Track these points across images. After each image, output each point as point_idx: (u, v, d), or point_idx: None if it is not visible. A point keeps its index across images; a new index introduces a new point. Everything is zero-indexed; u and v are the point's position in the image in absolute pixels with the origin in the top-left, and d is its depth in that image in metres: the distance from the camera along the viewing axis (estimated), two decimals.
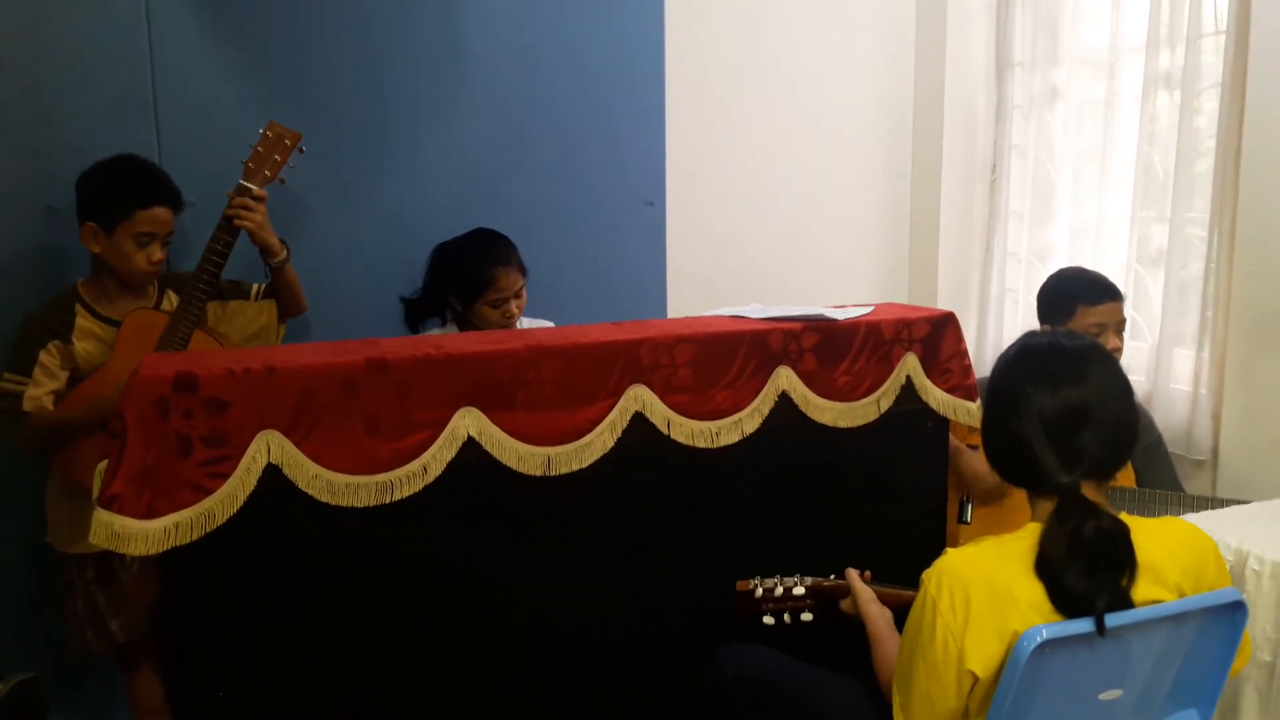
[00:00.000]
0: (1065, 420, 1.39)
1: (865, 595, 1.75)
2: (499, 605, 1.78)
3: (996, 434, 1.48)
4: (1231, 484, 2.57)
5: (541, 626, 1.82)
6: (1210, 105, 2.62)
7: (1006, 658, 1.32)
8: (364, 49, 2.50)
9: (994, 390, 1.49)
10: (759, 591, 1.85)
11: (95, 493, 1.53)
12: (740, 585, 1.87)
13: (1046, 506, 1.40)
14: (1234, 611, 1.41)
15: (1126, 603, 1.34)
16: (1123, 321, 2.45)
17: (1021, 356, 1.49)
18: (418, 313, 2.52)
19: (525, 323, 2.54)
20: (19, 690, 1.00)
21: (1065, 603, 1.33)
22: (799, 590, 1.84)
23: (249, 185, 2.17)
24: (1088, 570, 1.33)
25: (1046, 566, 1.34)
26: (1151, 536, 1.41)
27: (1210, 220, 2.60)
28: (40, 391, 2.09)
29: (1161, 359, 2.74)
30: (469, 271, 2.42)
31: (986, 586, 1.36)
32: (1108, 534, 1.35)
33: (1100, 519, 1.36)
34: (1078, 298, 2.41)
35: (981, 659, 1.34)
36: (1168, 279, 2.72)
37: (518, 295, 2.44)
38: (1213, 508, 2.18)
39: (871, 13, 3.35)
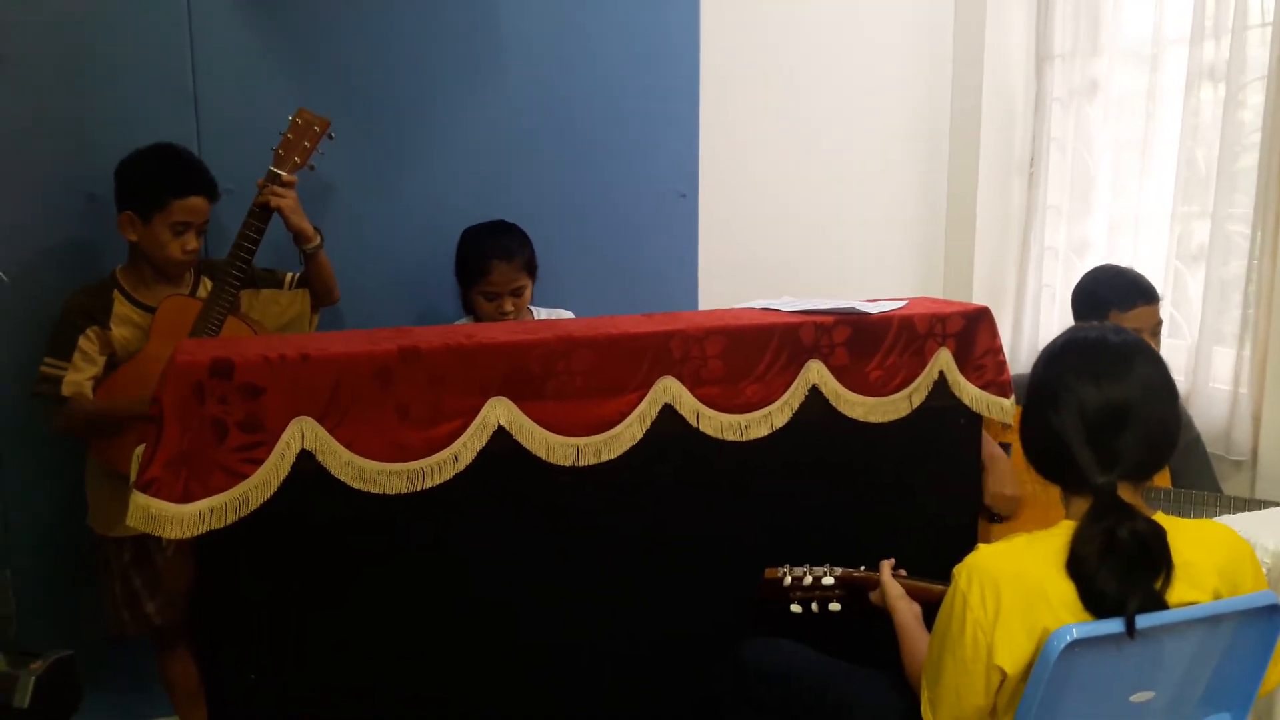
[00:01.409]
0: (1106, 419, 1.38)
1: (895, 591, 1.75)
2: (527, 594, 1.79)
3: (1035, 428, 1.46)
4: (1271, 485, 2.52)
5: (568, 616, 1.82)
6: (1255, 99, 2.57)
7: (1036, 655, 1.31)
8: (399, 38, 2.51)
9: (1036, 382, 1.48)
10: (788, 580, 1.85)
11: (133, 476, 1.56)
12: (769, 572, 1.86)
13: (1081, 505, 1.39)
14: (1270, 615, 1.39)
15: (1160, 605, 1.33)
16: (1159, 324, 2.41)
17: (1066, 350, 1.47)
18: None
19: (543, 313, 2.54)
20: (56, 668, 1.02)
21: (1096, 603, 1.32)
22: (828, 580, 1.83)
23: (279, 172, 2.19)
24: (1121, 572, 1.32)
25: (1078, 566, 1.33)
26: (1188, 538, 1.39)
27: (1253, 216, 2.55)
28: (79, 376, 2.13)
29: (1201, 357, 2.69)
30: (469, 257, 2.43)
31: (1018, 583, 1.34)
32: (1142, 536, 1.33)
33: (1136, 521, 1.34)
34: (1110, 302, 2.38)
35: (1010, 656, 1.33)
36: (1208, 276, 2.67)
37: (515, 293, 2.41)
38: (1250, 509, 2.15)
39: (909, 3, 3.31)
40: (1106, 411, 1.38)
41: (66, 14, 2.26)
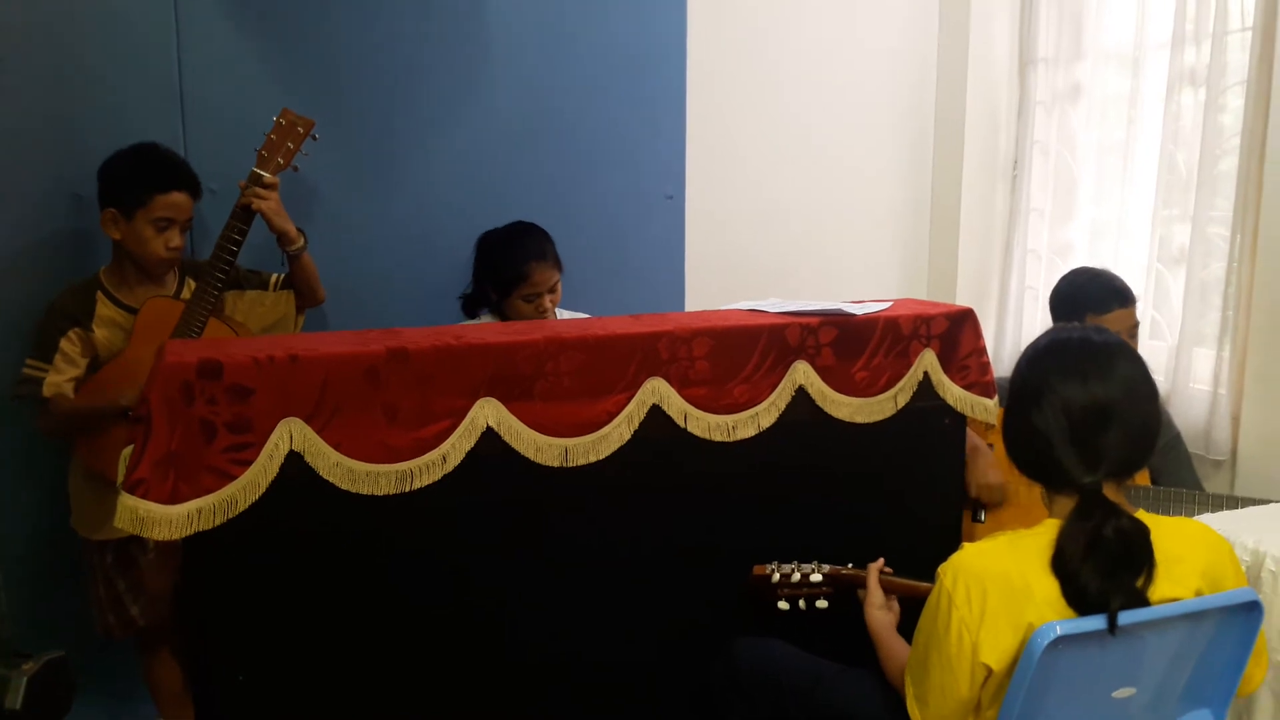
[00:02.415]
0: (1089, 418, 1.39)
1: (874, 600, 1.76)
2: (515, 594, 1.79)
3: (1018, 427, 1.47)
4: (1250, 484, 2.56)
5: (557, 616, 1.83)
6: (1235, 103, 2.60)
7: (1020, 650, 1.32)
8: (387, 40, 2.51)
9: (1019, 382, 1.49)
10: (776, 576, 1.86)
11: (120, 477, 1.55)
12: (757, 569, 1.87)
13: (1065, 504, 1.40)
14: (1249, 611, 1.41)
15: (1142, 602, 1.34)
16: (1135, 326, 2.42)
17: (1050, 350, 1.48)
18: (472, 305, 2.53)
19: (563, 314, 2.55)
20: (49, 668, 1.03)
21: (1080, 600, 1.33)
22: (816, 577, 1.84)
23: (261, 173, 2.18)
24: (1104, 569, 1.33)
25: (1063, 564, 1.34)
26: (1171, 536, 1.41)
27: (1233, 219, 2.58)
28: (61, 378, 2.12)
29: (1181, 359, 2.72)
30: (504, 265, 2.43)
31: (1003, 581, 1.36)
32: (1126, 534, 1.35)
33: (1120, 519, 1.36)
34: (1086, 306, 2.40)
35: (996, 652, 1.35)
36: (1189, 278, 2.70)
37: (552, 290, 2.44)
38: (1229, 507, 2.17)
39: (894, 7, 3.33)
40: (1090, 411, 1.39)
41: (53, 14, 2.25)
